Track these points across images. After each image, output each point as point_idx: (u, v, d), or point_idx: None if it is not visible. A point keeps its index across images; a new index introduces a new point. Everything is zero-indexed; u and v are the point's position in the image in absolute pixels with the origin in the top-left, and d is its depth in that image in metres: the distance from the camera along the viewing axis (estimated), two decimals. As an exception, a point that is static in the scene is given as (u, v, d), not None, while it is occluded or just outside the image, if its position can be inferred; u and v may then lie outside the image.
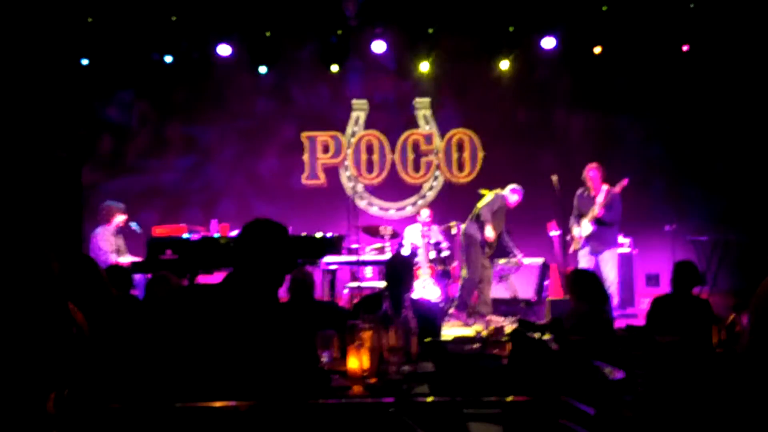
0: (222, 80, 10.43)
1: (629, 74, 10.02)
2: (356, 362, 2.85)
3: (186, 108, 10.61)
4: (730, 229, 8.76)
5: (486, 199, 8.68)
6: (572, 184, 8.16)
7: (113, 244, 7.73)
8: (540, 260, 9.17)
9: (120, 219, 7.88)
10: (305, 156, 10.62)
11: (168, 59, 9.89)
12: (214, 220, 8.06)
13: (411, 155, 10.67)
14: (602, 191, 7.89)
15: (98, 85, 10.18)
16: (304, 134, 10.64)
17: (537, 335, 3.02)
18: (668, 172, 10.07)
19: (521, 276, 9.07)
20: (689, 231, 9.11)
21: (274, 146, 10.65)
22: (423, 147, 10.65)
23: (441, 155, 10.63)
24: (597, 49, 9.67)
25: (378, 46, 9.98)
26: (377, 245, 9.23)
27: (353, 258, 8.60)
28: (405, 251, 8.92)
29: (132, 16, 9.36)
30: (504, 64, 10.12)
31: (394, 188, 10.73)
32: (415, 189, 10.75)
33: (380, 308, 3.06)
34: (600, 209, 7.83)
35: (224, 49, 9.90)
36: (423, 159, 10.68)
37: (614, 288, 7.82)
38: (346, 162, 10.67)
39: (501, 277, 9.05)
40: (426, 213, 9.37)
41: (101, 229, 7.82)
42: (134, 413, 2.24)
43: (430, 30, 9.79)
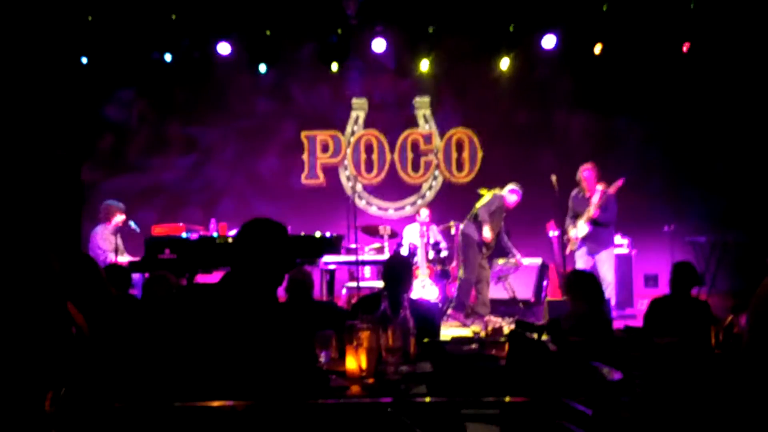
0: (222, 79, 10.44)
1: (629, 74, 10.02)
2: (354, 362, 2.85)
3: (186, 107, 10.62)
4: (729, 230, 8.77)
5: (484, 200, 8.69)
6: (571, 184, 8.18)
7: (112, 244, 7.73)
8: (538, 261, 9.18)
9: (119, 219, 7.89)
10: (305, 155, 10.63)
11: (168, 58, 9.90)
12: (213, 220, 8.07)
13: (410, 155, 10.67)
14: (597, 192, 7.91)
15: (98, 84, 10.18)
16: (304, 133, 10.64)
17: (535, 336, 3.02)
18: (667, 173, 10.07)
19: (520, 276, 9.08)
20: (688, 232, 9.12)
21: (274, 145, 10.65)
22: (422, 146, 10.65)
23: (440, 155, 10.63)
24: (597, 49, 9.67)
25: (378, 46, 9.98)
26: (376, 245, 9.25)
27: (352, 258, 8.60)
28: (404, 251, 8.93)
29: (132, 15, 9.36)
30: (504, 64, 10.12)
31: (393, 188, 10.74)
32: (414, 189, 10.75)
33: (379, 308, 3.06)
34: (595, 210, 7.84)
35: (224, 48, 9.90)
36: (422, 158, 10.68)
37: (611, 288, 7.83)
38: (346, 161, 10.68)
39: (499, 278, 9.05)
40: (425, 213, 9.38)
41: (101, 228, 7.83)
42: (133, 412, 2.25)
43: (430, 29, 9.79)
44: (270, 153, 10.65)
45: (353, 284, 8.75)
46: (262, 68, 10.11)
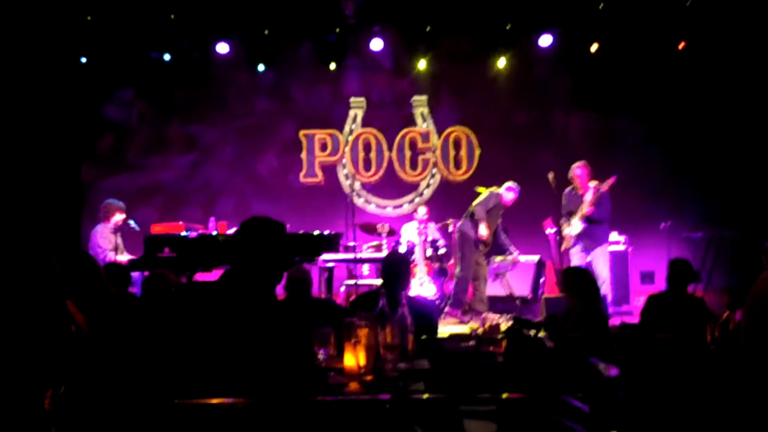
0: (221, 79, 10.43)
1: (626, 73, 10.03)
2: (353, 359, 2.86)
3: (185, 106, 10.61)
4: (725, 227, 8.79)
5: (481, 197, 8.71)
6: (569, 183, 8.20)
7: (112, 242, 7.74)
8: (536, 258, 9.20)
9: (119, 217, 7.89)
10: (303, 154, 10.64)
11: (167, 58, 9.91)
12: (212, 218, 8.08)
13: (408, 153, 10.68)
14: (590, 189, 7.94)
15: (98, 84, 10.18)
16: (302, 132, 10.65)
17: (532, 333, 3.03)
18: (664, 171, 10.08)
19: (517, 273, 9.10)
20: (684, 229, 9.13)
21: (273, 144, 10.66)
22: (420, 145, 10.67)
23: (438, 153, 10.65)
24: (594, 47, 9.69)
25: (376, 45, 10.01)
26: (374, 243, 9.27)
27: (350, 256, 8.63)
28: (402, 249, 8.94)
29: (131, 15, 9.36)
30: (501, 63, 10.15)
31: (392, 186, 10.75)
32: (413, 187, 10.77)
33: (377, 306, 3.08)
34: (589, 207, 7.87)
35: (223, 48, 9.92)
36: (420, 157, 10.69)
37: (607, 285, 7.85)
38: (344, 160, 10.69)
39: (497, 275, 9.08)
40: (423, 211, 9.41)
41: (101, 227, 7.84)
42: (132, 410, 2.27)
43: (428, 28, 9.80)
44: (269, 152, 10.66)
45: (352, 282, 8.76)
46: (261, 68, 10.12)
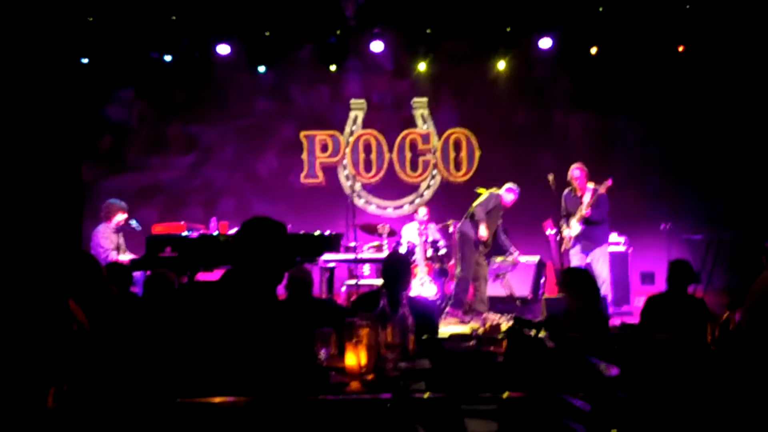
0: (221, 80, 10.43)
1: (626, 74, 10.03)
2: (354, 359, 2.86)
3: (186, 107, 10.61)
4: (725, 228, 8.79)
5: (481, 198, 8.71)
6: (568, 184, 8.22)
7: (113, 242, 7.75)
8: (536, 258, 9.21)
9: (121, 217, 7.89)
10: (304, 155, 10.63)
11: (168, 58, 9.91)
12: (214, 218, 8.08)
13: (408, 154, 10.68)
14: (588, 190, 7.97)
15: (98, 84, 10.17)
16: (303, 133, 10.65)
17: (533, 333, 3.04)
18: (663, 172, 10.08)
19: (517, 274, 9.11)
20: (684, 229, 9.13)
21: (273, 145, 10.66)
22: (420, 146, 10.67)
23: (438, 154, 10.65)
24: (593, 50, 9.70)
25: (376, 47, 10.01)
26: (375, 243, 9.27)
27: (351, 256, 8.64)
28: (402, 249, 8.95)
29: (132, 16, 9.36)
30: (501, 64, 10.16)
31: (392, 187, 10.74)
32: (413, 188, 10.77)
33: (378, 306, 3.08)
34: (587, 209, 7.90)
35: (223, 49, 9.92)
36: (420, 158, 10.69)
37: (607, 285, 7.86)
38: (345, 161, 10.69)
39: (497, 275, 9.08)
40: (423, 211, 9.42)
41: (102, 227, 7.84)
42: (134, 409, 2.27)
43: (428, 30, 9.81)
44: (269, 153, 10.66)
45: (352, 282, 8.77)
46: (262, 69, 10.13)
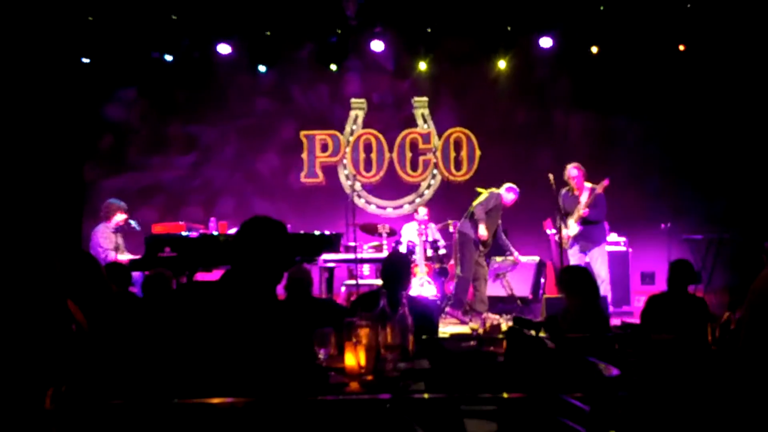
0: (222, 79, 10.43)
1: (626, 74, 10.03)
2: (353, 359, 2.86)
3: (186, 107, 10.62)
4: (725, 228, 8.79)
5: (481, 198, 8.71)
6: (566, 183, 8.21)
7: (113, 242, 7.74)
8: (536, 258, 9.22)
9: (121, 217, 7.90)
10: (304, 155, 10.63)
11: (168, 58, 9.92)
12: (213, 218, 8.08)
13: (409, 154, 10.68)
14: (586, 190, 7.97)
15: (99, 84, 10.18)
16: (303, 133, 10.65)
17: (533, 333, 3.03)
18: (664, 171, 10.08)
19: (517, 274, 9.12)
20: (684, 230, 9.13)
21: (274, 145, 10.66)
22: (421, 146, 10.67)
23: (438, 154, 10.65)
24: (594, 49, 9.69)
25: (377, 46, 10.02)
26: (375, 243, 9.28)
27: (351, 256, 8.63)
28: (402, 249, 8.95)
29: (133, 16, 9.37)
30: (501, 64, 10.15)
31: (392, 187, 10.74)
32: (413, 187, 10.76)
33: (377, 306, 3.08)
34: (585, 209, 7.90)
35: (224, 49, 9.93)
36: (421, 158, 10.69)
37: (606, 285, 7.85)
38: (345, 161, 10.69)
39: (497, 275, 9.09)
40: (423, 211, 9.41)
41: (102, 227, 7.84)
42: (132, 409, 2.27)
43: (429, 30, 9.81)
44: (269, 152, 10.66)
45: (352, 282, 8.77)
46: (262, 68, 10.13)
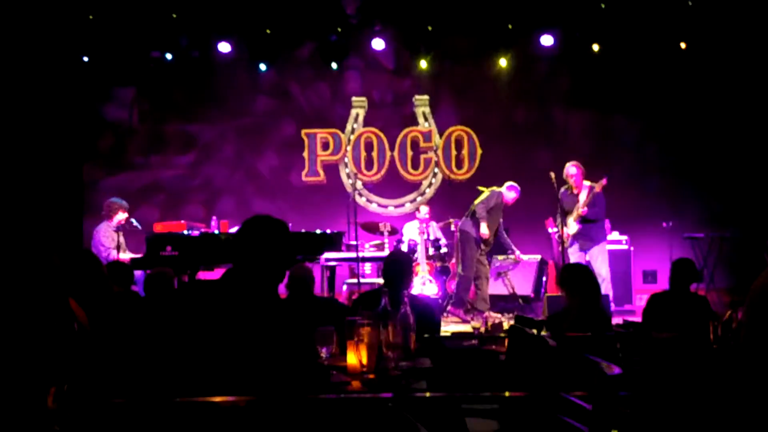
0: (222, 78, 10.43)
1: (627, 73, 10.03)
2: (355, 358, 2.86)
3: (186, 105, 10.62)
4: (727, 227, 8.80)
5: (482, 196, 8.70)
6: (565, 182, 8.21)
7: (114, 241, 7.75)
8: (537, 257, 9.21)
9: (122, 216, 7.90)
10: (305, 153, 10.63)
11: (168, 57, 9.92)
12: (214, 217, 8.08)
13: (410, 152, 10.68)
14: (585, 188, 7.97)
15: (99, 83, 10.19)
16: (304, 131, 10.65)
17: (534, 331, 3.03)
18: (665, 170, 10.09)
19: (519, 273, 9.11)
20: (686, 228, 9.13)
21: (274, 143, 10.66)
22: (422, 144, 10.66)
23: (440, 152, 10.65)
24: (595, 47, 9.69)
25: (377, 44, 10.01)
26: (376, 242, 9.27)
27: (352, 254, 8.62)
28: (404, 248, 8.95)
29: (132, 14, 9.37)
30: (502, 62, 10.15)
31: (393, 185, 10.74)
32: (414, 186, 10.76)
33: (379, 304, 3.07)
34: (583, 207, 7.90)
35: (224, 47, 9.92)
36: (422, 156, 10.69)
37: (608, 283, 7.84)
38: (346, 159, 10.69)
39: (499, 274, 9.09)
40: (425, 210, 9.41)
41: (103, 225, 7.84)
42: (134, 408, 2.27)
43: (429, 28, 9.80)
44: (270, 151, 10.66)
45: (354, 281, 8.75)
46: (262, 67, 10.13)
